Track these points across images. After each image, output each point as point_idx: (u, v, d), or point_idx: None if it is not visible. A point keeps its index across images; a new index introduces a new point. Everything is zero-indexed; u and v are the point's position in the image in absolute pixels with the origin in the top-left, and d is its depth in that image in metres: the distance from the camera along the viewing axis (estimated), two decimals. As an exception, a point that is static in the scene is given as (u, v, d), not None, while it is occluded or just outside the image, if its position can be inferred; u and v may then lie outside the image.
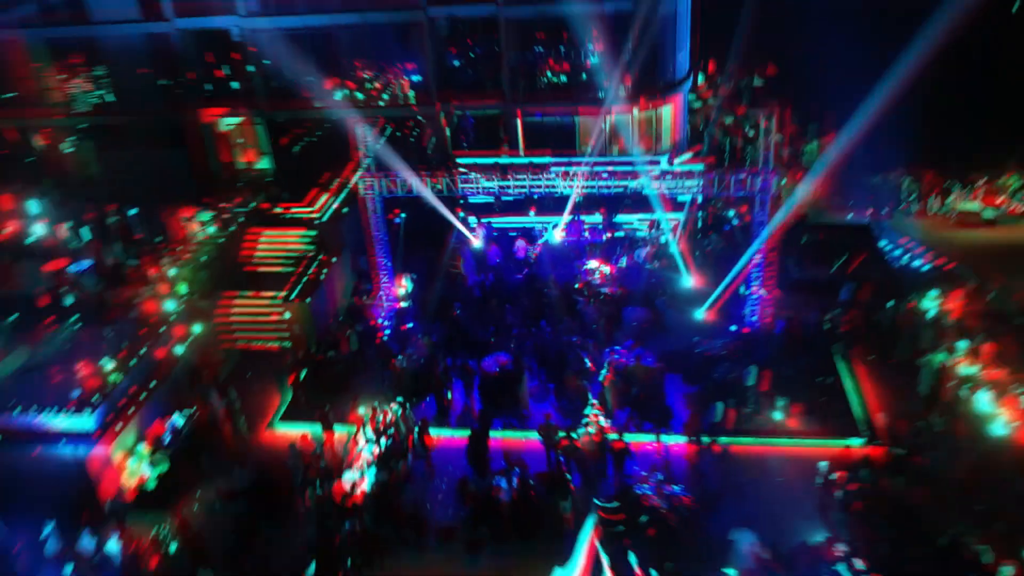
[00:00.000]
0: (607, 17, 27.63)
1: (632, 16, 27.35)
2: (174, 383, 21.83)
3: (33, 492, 18.47)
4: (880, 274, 25.62)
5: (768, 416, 20.79)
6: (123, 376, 20.47)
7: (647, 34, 27.97)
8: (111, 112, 31.94)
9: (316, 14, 28.49)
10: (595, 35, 28.35)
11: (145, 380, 21.01)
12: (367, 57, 29.51)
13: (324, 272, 25.99)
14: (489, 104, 29.65)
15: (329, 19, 28.54)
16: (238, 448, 21.47)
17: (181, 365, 22.26)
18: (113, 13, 29.50)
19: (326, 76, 29.89)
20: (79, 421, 19.14)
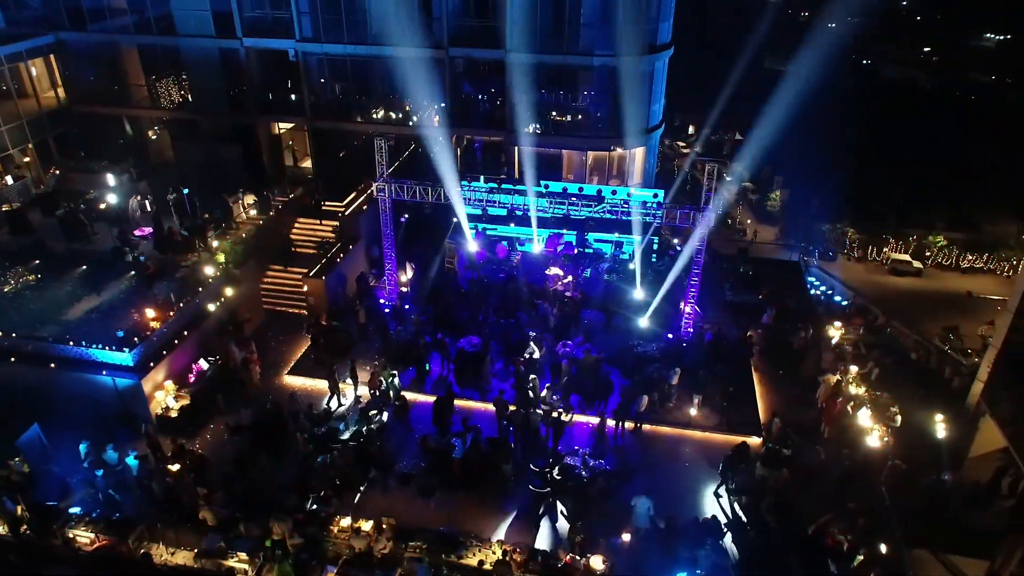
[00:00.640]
0: (595, 70, 27.61)
1: (616, 71, 27.35)
2: (205, 334, 22.04)
3: (75, 412, 18.80)
4: (797, 303, 25.36)
5: (685, 410, 20.76)
6: (163, 324, 20.70)
7: (628, 87, 27.96)
8: (187, 110, 32.24)
9: (357, 44, 28.54)
10: (585, 84, 28.34)
11: (180, 330, 21.23)
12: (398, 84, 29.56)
13: (341, 256, 26.14)
14: (494, 134, 29.64)
15: (367, 50, 28.59)
16: (251, 392, 21.69)
17: (213, 320, 22.45)
18: (194, 28, 29.72)
19: (363, 97, 30.09)
20: (120, 357, 19.37)
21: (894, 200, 46.66)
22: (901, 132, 60.57)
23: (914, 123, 63.22)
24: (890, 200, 47.02)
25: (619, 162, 29.95)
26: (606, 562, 15.17)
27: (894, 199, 46.83)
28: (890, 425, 19.00)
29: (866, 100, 70.10)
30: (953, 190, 46.24)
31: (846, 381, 20.66)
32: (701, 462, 19.35)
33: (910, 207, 45.81)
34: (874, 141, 59.00)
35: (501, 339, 22.48)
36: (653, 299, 24.74)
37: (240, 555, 15.48)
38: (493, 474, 18.36)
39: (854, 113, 67.16)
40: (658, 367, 21.25)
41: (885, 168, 52.03)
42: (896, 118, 64.22)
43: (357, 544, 15.66)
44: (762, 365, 23.27)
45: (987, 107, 67.58)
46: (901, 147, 56.46)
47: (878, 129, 61.62)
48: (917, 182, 48.92)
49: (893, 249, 37.07)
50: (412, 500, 17.99)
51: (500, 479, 18.33)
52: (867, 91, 74.52)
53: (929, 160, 52.85)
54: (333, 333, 23.55)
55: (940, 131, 59.58)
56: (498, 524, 17.38)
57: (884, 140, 58.70)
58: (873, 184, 49.14)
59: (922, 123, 62.48)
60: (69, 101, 32.65)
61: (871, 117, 65.57)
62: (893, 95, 71.71)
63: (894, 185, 48.77)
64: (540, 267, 26.83)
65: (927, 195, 46.44)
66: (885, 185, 48.88)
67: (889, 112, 65.33)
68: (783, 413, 20.78)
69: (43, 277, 23.04)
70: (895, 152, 55.44)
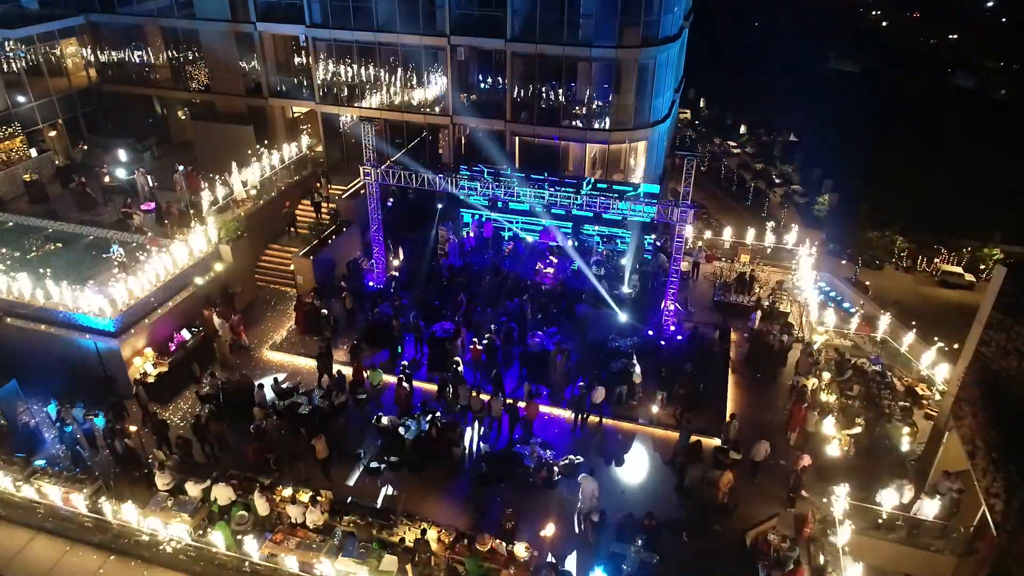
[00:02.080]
0: (594, 62, 27.36)
1: (615, 64, 27.06)
2: (190, 305, 22.86)
3: (58, 372, 19.86)
4: (783, 311, 24.59)
5: (648, 407, 20.49)
6: (148, 293, 21.59)
7: (627, 80, 27.65)
8: (205, 92, 33.40)
9: (364, 31, 29.02)
10: (584, 76, 28.12)
11: (165, 299, 22.10)
12: (401, 71, 29.94)
13: (333, 238, 26.72)
14: (494, 123, 29.72)
15: (373, 36, 29.04)
16: (228, 364, 22.43)
17: (200, 293, 23.26)
18: (212, 13, 30.79)
19: (369, 83, 30.59)
20: (102, 322, 20.31)
21: (952, 210, 44.73)
22: (968, 141, 57.99)
23: (983, 133, 60.44)
24: (948, 209, 45.06)
25: (620, 156, 29.61)
26: (529, 550, 15.19)
27: (952, 209, 44.89)
28: (851, 435, 18.35)
29: (934, 106, 67.28)
30: (1018, 203, 43.97)
31: (818, 388, 20.03)
32: (656, 460, 19.08)
33: (967, 217, 43.77)
34: (937, 149, 56.61)
35: (473, 327, 22.59)
36: (638, 295, 24.49)
37: (183, 516, 16.12)
38: (443, 456, 18.56)
39: (919, 119, 64.51)
40: (625, 362, 20.98)
41: (945, 177, 49.94)
42: (965, 126, 61.58)
43: (293, 513, 16.10)
44: (741, 367, 22.75)
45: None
46: (966, 156, 54.05)
47: (943, 136, 59.08)
48: (979, 192, 46.74)
49: (944, 260, 35.55)
50: (359, 475, 18.33)
51: (449, 462, 18.52)
52: (937, 98, 71.51)
53: (995, 171, 50.53)
54: (316, 313, 24.11)
55: (1011, 142, 56.74)
56: (439, 505, 17.56)
57: (948, 148, 56.28)
58: (930, 192, 47.14)
59: (991, 133, 59.58)
60: (100, 80, 34.28)
61: (938, 124, 62.84)
62: (964, 103, 68.52)
63: (954, 195, 46.70)
64: (530, 258, 26.87)
65: (988, 206, 44.38)
66: (943, 194, 46.87)
67: (957, 120, 62.66)
68: (754, 416, 20.38)
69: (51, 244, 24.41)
70: (959, 161, 53.11)
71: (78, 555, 15.90)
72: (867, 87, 76.71)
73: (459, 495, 17.83)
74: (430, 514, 17.05)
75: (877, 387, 20.61)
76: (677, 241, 22.09)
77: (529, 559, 15.13)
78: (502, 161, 29.45)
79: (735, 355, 23.12)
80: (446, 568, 15.24)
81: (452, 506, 17.47)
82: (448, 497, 17.80)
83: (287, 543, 15.44)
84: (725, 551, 16.01)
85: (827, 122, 67.78)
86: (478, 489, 17.80)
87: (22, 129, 30.18)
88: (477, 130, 30.15)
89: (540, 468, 17.95)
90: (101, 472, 17.95)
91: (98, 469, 18.17)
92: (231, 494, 16.46)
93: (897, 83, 76.01)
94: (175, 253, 22.76)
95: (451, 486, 18.11)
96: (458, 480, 18.27)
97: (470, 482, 18.04)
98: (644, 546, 15.49)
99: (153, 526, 15.99)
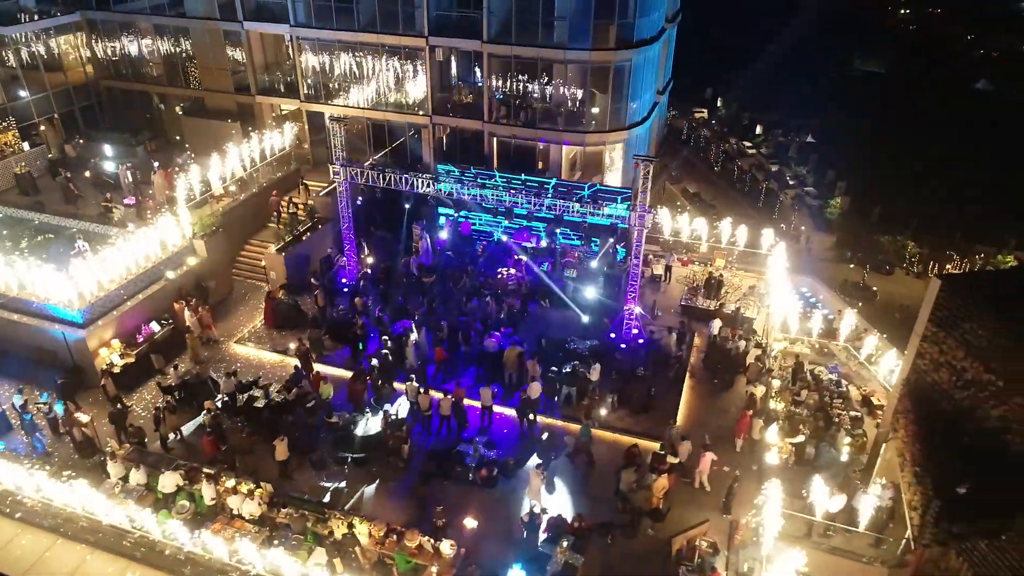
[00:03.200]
0: (568, 64, 27.50)
1: (590, 66, 27.18)
2: (160, 298, 23.48)
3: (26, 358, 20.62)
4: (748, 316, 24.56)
5: (599, 410, 20.66)
6: (118, 286, 22.25)
7: (603, 83, 27.74)
8: (196, 88, 34.12)
9: (345, 31, 29.45)
10: (559, 77, 28.27)
11: (135, 292, 22.75)
12: (383, 71, 30.33)
13: (307, 235, 27.25)
14: (471, 123, 30.01)
15: (354, 36, 29.46)
16: (197, 357, 23.05)
17: (171, 286, 23.87)
18: (201, 11, 31.49)
19: (350, 82, 31.04)
20: (70, 314, 21.01)
21: (966, 215, 43.89)
22: (987, 146, 56.63)
23: (1002, 138, 58.92)
24: (961, 215, 44.24)
25: (596, 158, 29.72)
26: (454, 547, 15.52)
27: (966, 214, 44.03)
28: (793, 443, 18.39)
29: (954, 110, 65.75)
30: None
31: (766, 395, 20.07)
32: (602, 462, 19.25)
33: (981, 224, 42.93)
34: (954, 153, 55.42)
35: (431, 327, 22.94)
36: (605, 297, 24.66)
37: (128, 502, 16.70)
38: (390, 452, 18.95)
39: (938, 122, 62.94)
40: (576, 365, 21.19)
41: (961, 182, 48.95)
42: (984, 131, 60.03)
43: (232, 504, 16.62)
44: (700, 372, 22.81)
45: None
46: (984, 161, 52.98)
47: (962, 141, 57.80)
48: (995, 199, 45.69)
49: (956, 267, 35.01)
50: (308, 470, 18.80)
51: (395, 458, 18.90)
52: (957, 101, 69.82)
53: (1013, 176, 49.34)
54: (286, 307, 24.66)
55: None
56: (383, 500, 17.96)
57: (966, 153, 55.07)
58: (945, 197, 46.20)
59: (1011, 138, 58.03)
60: (96, 76, 35.18)
61: (957, 127, 61.26)
62: (985, 107, 66.44)
63: (969, 200, 45.77)
64: (504, 258, 27.14)
65: (1004, 213, 43.37)
66: (958, 199, 45.93)
67: (977, 124, 61.18)
68: (706, 421, 20.50)
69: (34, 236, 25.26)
70: (976, 166, 52.07)
71: (28, 537, 16.57)
72: (890, 88, 75.47)
73: (402, 491, 18.21)
74: (372, 509, 17.49)
75: (831, 396, 20.57)
76: (636, 245, 22.21)
77: (454, 556, 15.46)
78: (481, 162, 29.78)
79: (695, 360, 23.18)
80: (375, 561, 15.64)
81: (395, 502, 17.86)
82: (392, 493, 18.20)
83: (224, 533, 15.96)
84: (651, 555, 16.20)
85: (848, 123, 66.57)
86: (420, 486, 18.16)
87: (17, 124, 31.10)
88: (457, 130, 30.47)
89: (480, 467, 18.28)
90: (60, 458, 18.65)
91: (57, 455, 18.86)
92: (177, 481, 17.03)
93: (918, 84, 74.69)
94: (146, 246, 23.35)
95: (396, 482, 18.51)
96: (403, 477, 18.66)
97: (413, 479, 18.40)
98: (571, 548, 15.73)
99: (94, 510, 16.56)
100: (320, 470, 18.74)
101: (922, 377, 15.96)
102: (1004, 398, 13.83)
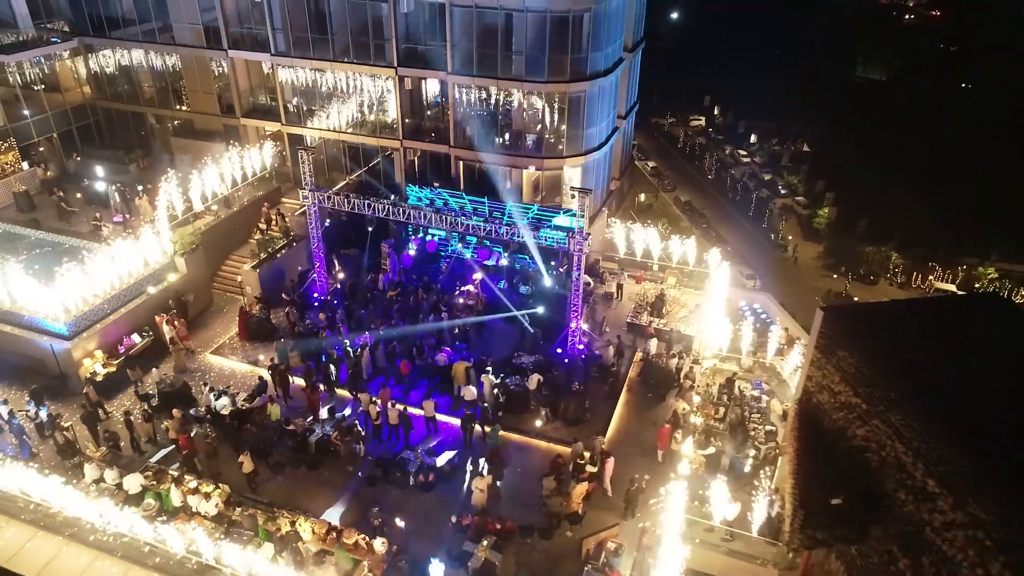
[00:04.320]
0: (527, 95, 29.35)
1: (546, 97, 29.02)
2: (141, 312, 25.46)
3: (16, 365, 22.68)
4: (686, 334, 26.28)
5: (535, 420, 22.47)
6: (102, 300, 24.25)
7: (559, 112, 29.57)
8: (185, 110, 36.19)
9: (320, 60, 31.41)
10: (519, 107, 30.12)
11: (118, 306, 24.76)
12: (356, 97, 32.25)
13: (282, 252, 29.22)
14: (439, 147, 31.92)
15: (330, 65, 31.42)
16: (180, 366, 25.03)
17: (152, 300, 25.85)
18: (189, 40, 33.55)
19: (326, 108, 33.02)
20: (57, 326, 23.03)
21: (951, 227, 44.35)
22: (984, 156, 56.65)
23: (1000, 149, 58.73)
24: (947, 227, 44.84)
25: (556, 181, 31.55)
26: (386, 544, 17.41)
27: (952, 226, 44.47)
28: (704, 455, 20.16)
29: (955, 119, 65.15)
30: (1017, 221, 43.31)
31: (688, 411, 21.83)
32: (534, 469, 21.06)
33: (967, 235, 43.57)
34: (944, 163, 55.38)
35: (387, 341, 24.83)
36: (555, 314, 26.43)
37: (101, 500, 18.70)
38: (341, 457, 20.87)
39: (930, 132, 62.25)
40: (518, 379, 23.01)
41: (950, 193, 48.98)
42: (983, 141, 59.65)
43: (193, 503, 18.59)
44: (636, 386, 24.57)
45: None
46: (977, 171, 53.08)
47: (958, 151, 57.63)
48: (983, 210, 45.80)
49: (938, 278, 36.24)
50: (266, 472, 20.74)
51: (347, 462, 20.82)
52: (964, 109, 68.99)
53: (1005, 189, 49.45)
54: (256, 321, 26.60)
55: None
56: (329, 501, 19.87)
57: (956, 163, 55.07)
58: (933, 208, 46.41)
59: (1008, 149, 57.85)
60: (94, 97, 37.32)
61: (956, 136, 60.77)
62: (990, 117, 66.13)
63: (956, 212, 46.05)
64: (466, 275, 29.01)
65: (991, 224, 43.62)
66: (946, 210, 46.05)
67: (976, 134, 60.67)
68: (635, 434, 22.28)
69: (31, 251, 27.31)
70: (967, 176, 52.13)
71: (12, 531, 18.60)
72: (889, 97, 75.19)
73: (347, 494, 20.12)
74: (319, 509, 19.39)
75: (750, 411, 22.31)
76: (576, 269, 24.01)
77: (385, 552, 17.37)
78: (449, 183, 31.68)
79: (633, 375, 24.94)
80: (316, 556, 17.55)
81: (341, 503, 19.75)
82: (337, 495, 20.09)
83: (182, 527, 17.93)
84: (565, 555, 18.03)
85: (844, 132, 66.58)
86: (365, 489, 20.06)
87: (17, 143, 33.23)
88: (427, 153, 32.40)
89: (419, 472, 20.17)
90: (44, 460, 20.68)
91: (42, 457, 20.90)
92: (141, 482, 19.01)
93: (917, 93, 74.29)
94: (128, 263, 25.32)
95: (343, 485, 20.41)
96: (351, 480, 20.56)
97: (359, 482, 20.30)
98: (491, 547, 17.60)
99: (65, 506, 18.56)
100: (278, 473, 20.69)
101: (809, 398, 17.72)
102: (866, 419, 15.60)
